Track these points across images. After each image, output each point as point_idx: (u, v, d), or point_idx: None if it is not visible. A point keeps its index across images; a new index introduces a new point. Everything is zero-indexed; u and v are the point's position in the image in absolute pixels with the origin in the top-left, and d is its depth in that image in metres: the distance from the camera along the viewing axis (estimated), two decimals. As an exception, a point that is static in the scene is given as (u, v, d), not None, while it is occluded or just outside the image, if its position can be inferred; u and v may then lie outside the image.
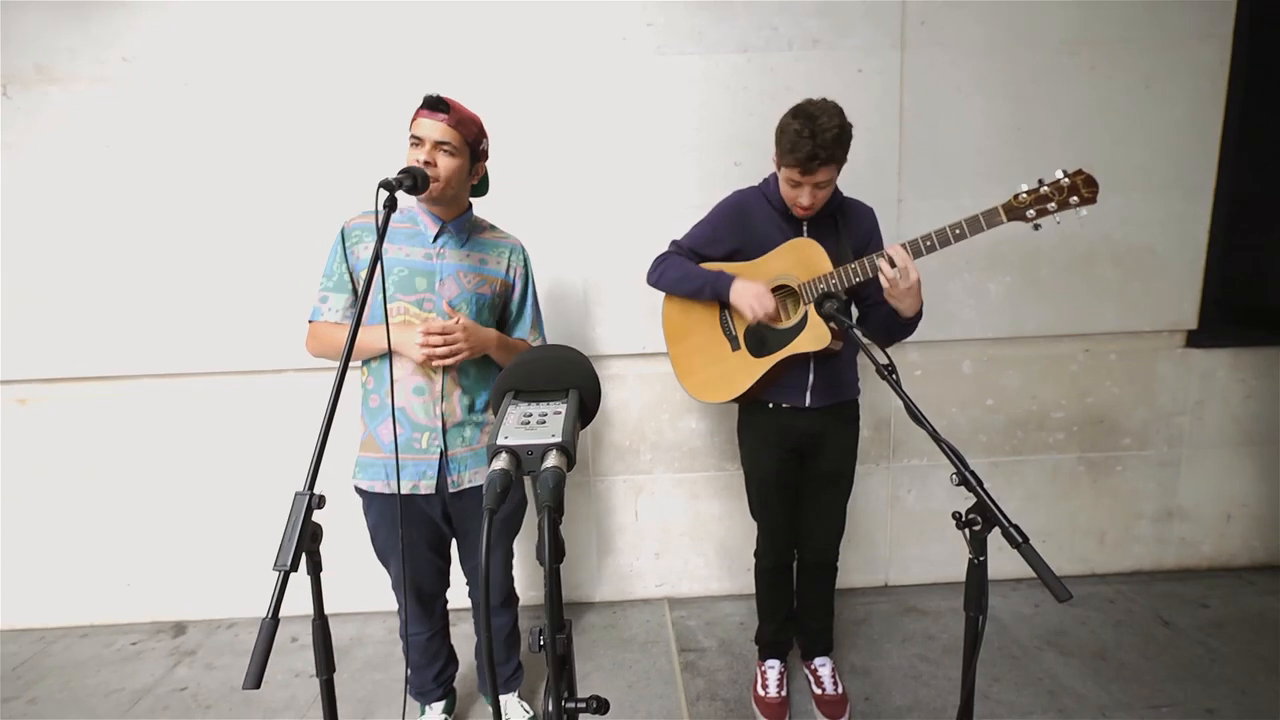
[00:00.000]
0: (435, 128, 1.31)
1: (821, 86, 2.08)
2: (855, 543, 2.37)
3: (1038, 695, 1.82)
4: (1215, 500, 2.39)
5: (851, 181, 2.06)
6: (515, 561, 2.31)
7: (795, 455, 1.67)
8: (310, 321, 1.44)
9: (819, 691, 1.81)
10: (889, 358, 1.12)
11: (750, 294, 1.48)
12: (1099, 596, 2.30)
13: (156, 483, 2.24)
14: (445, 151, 1.33)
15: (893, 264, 1.35)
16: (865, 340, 1.20)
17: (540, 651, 0.65)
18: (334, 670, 0.91)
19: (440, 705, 1.72)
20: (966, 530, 0.93)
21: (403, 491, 1.42)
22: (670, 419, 2.28)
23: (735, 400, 1.64)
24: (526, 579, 2.35)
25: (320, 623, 0.89)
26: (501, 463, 0.59)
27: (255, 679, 0.74)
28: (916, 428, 2.26)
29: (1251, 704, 1.77)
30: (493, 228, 1.54)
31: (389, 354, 1.30)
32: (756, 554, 1.83)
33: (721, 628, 2.21)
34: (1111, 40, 2.09)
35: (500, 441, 0.58)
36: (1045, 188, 1.26)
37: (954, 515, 0.94)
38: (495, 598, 1.66)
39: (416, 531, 1.49)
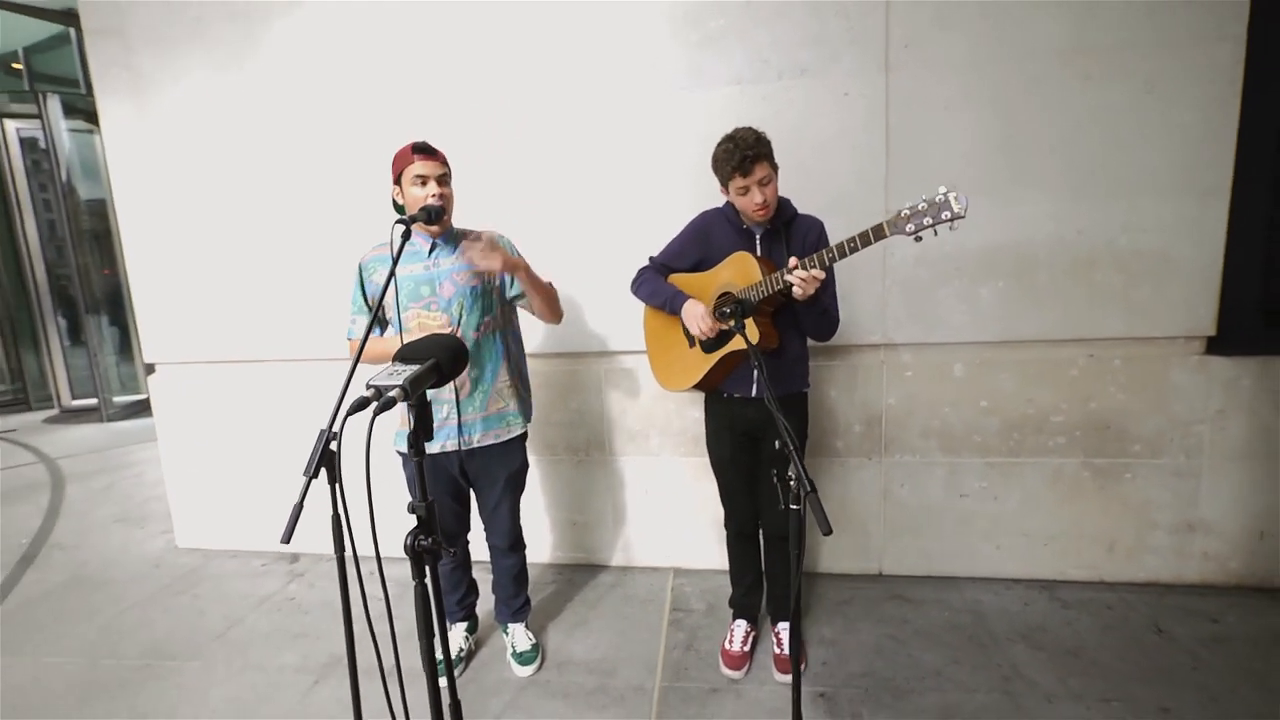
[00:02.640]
0: (434, 166, 1.74)
1: (810, 110, 2.32)
2: (847, 530, 2.54)
3: (990, 678, 1.94)
4: (1245, 515, 2.29)
5: (839, 196, 2.28)
6: (547, 523, 2.73)
7: (748, 439, 1.93)
8: (349, 339, 1.92)
9: (778, 651, 2.05)
10: (760, 359, 1.35)
11: (695, 315, 1.79)
12: (1098, 602, 2.29)
13: (287, 443, 2.91)
14: (444, 181, 1.76)
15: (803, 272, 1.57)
16: (751, 341, 1.44)
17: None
18: (344, 550, 1.34)
19: (463, 625, 2.17)
20: (781, 484, 1.16)
21: (430, 452, 1.87)
22: (676, 408, 2.59)
23: (695, 389, 1.93)
24: (555, 539, 2.77)
25: (335, 514, 1.32)
26: (366, 392, 0.96)
27: (286, 537, 1.18)
28: (908, 424, 2.42)
29: (1219, 710, 1.77)
30: (475, 230, 1.91)
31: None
32: (725, 524, 2.10)
33: (714, 595, 2.49)
34: (1109, 46, 2.11)
35: (371, 381, 0.96)
36: (922, 204, 1.44)
37: (773, 471, 1.18)
38: (504, 542, 2.07)
39: (439, 484, 1.93)
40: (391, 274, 1.49)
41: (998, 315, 2.32)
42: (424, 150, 1.75)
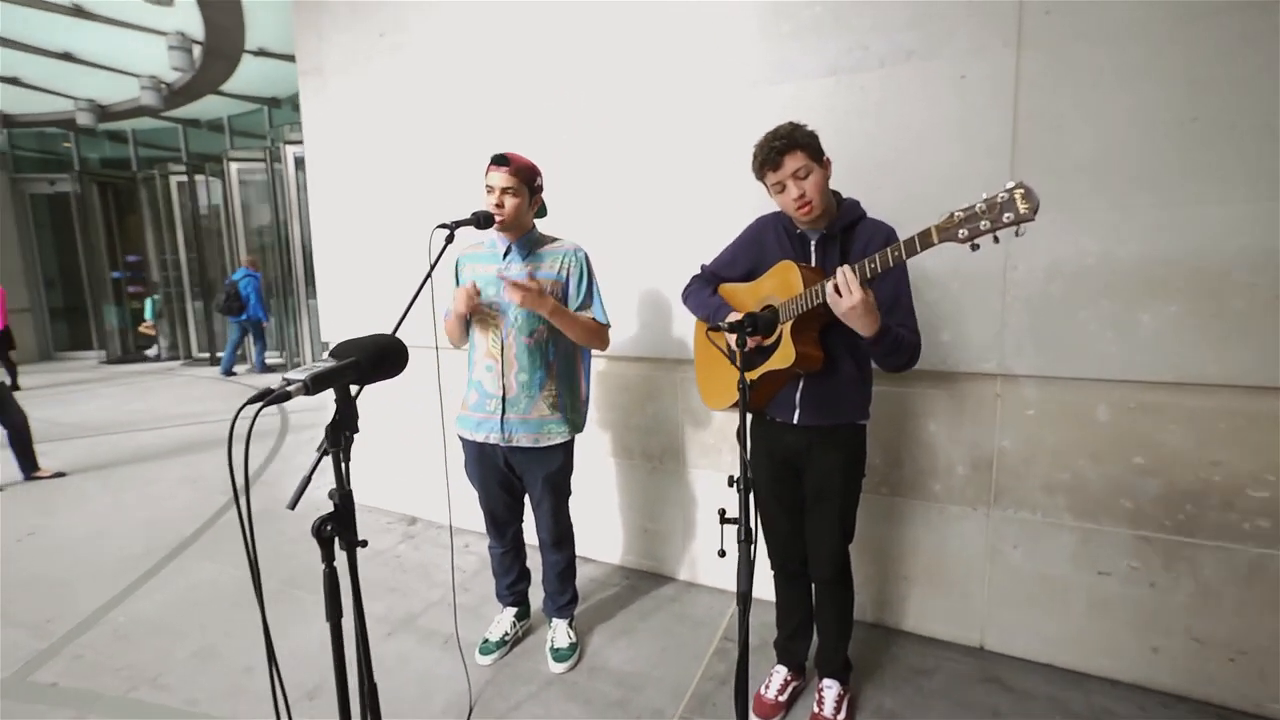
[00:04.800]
0: (499, 177, 1.82)
1: (915, 99, 2.04)
2: (941, 589, 2.17)
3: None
4: None
5: (950, 198, 1.94)
6: (620, 525, 2.75)
7: (788, 469, 1.73)
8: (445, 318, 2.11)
9: (816, 710, 1.82)
10: (745, 385, 1.20)
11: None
12: (1304, 754, 1.66)
13: (418, 420, 3.31)
14: (510, 193, 1.83)
15: (838, 288, 1.37)
16: (740, 367, 1.29)
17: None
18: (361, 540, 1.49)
19: (513, 610, 2.27)
20: (724, 525, 1.03)
21: (476, 440, 2.00)
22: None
23: (733, 409, 1.78)
24: (627, 543, 2.78)
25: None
26: (278, 382, 1.04)
27: (293, 503, 1.34)
28: (1025, 474, 2.02)
29: None
30: (555, 239, 1.98)
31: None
32: (769, 558, 1.92)
33: (772, 631, 2.28)
34: (1370, -16, 1.50)
35: (285, 375, 1.03)
36: (980, 204, 1.15)
37: (719, 511, 1.05)
38: (548, 538, 2.13)
39: (489, 472, 2.05)
40: (428, 276, 1.63)
41: (1166, 348, 1.79)
42: (494, 161, 1.86)
